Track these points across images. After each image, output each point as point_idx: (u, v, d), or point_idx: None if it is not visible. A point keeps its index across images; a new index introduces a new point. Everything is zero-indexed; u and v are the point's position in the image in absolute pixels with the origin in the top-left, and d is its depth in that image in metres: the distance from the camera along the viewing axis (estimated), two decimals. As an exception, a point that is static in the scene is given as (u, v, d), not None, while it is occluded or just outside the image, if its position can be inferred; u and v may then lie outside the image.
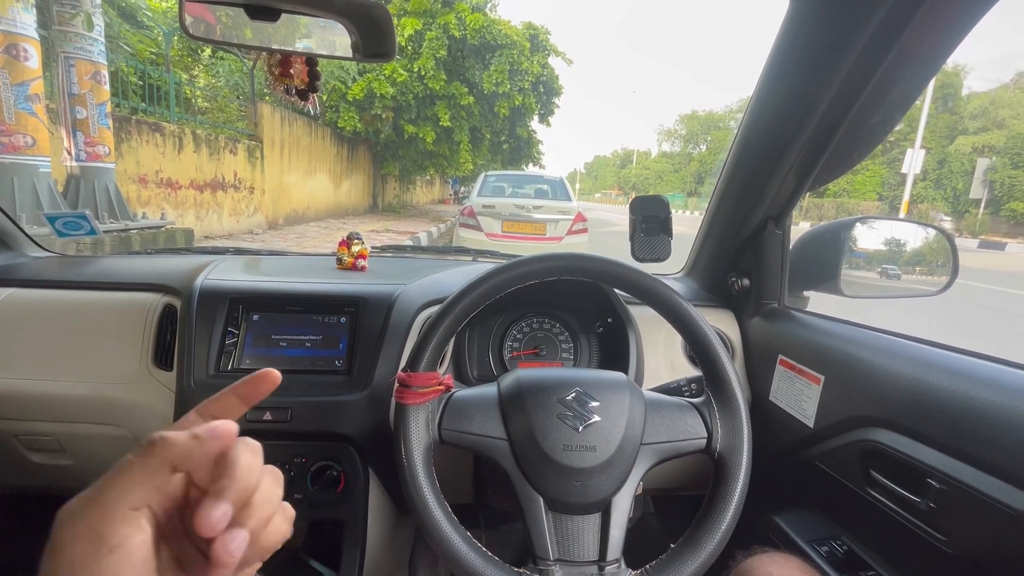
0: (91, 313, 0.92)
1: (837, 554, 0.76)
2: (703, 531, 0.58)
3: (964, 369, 0.64)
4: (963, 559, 0.59)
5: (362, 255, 1.10)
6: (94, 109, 4.25)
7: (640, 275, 0.66)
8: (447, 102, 10.50)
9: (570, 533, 0.60)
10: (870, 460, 0.72)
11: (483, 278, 0.64)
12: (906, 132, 22.47)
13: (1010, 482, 0.53)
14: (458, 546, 0.57)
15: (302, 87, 0.73)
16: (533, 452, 0.60)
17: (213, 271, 0.94)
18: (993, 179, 19.90)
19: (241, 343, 0.86)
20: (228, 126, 7.46)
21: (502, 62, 10.23)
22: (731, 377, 0.63)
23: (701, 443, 0.63)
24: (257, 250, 1.31)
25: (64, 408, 0.88)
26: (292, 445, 0.82)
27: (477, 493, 0.99)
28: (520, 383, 0.64)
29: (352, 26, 0.72)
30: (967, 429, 0.59)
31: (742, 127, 0.91)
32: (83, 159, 4.30)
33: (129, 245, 4.35)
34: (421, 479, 0.59)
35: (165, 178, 5.93)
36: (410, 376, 0.61)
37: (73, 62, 4.11)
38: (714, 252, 1.10)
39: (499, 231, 5.53)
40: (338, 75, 9.62)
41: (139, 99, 5.79)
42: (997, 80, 37.82)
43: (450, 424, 0.62)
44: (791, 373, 0.88)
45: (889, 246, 0.98)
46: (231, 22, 0.79)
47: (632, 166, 61.76)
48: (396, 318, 0.86)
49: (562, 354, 1.03)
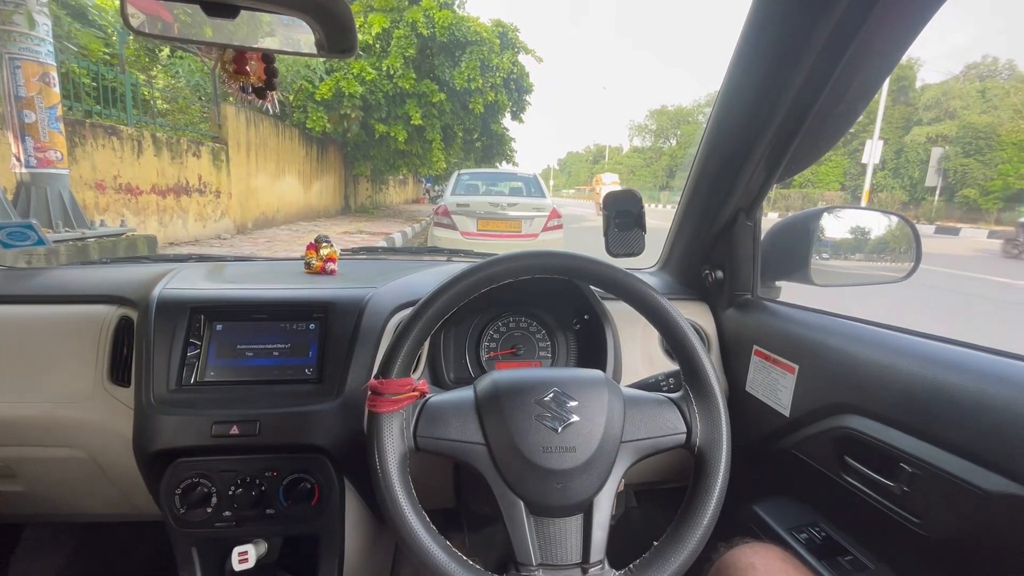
0: (41, 329, 0.86)
1: (816, 540, 0.77)
2: (685, 527, 0.57)
3: (931, 354, 0.65)
4: (937, 541, 0.60)
5: (331, 258, 1.06)
6: (43, 113, 4.04)
7: (614, 271, 0.65)
8: (418, 100, 10.38)
9: (552, 536, 0.59)
10: (845, 446, 0.73)
11: (454, 280, 0.62)
12: (865, 124, 23.29)
13: (979, 464, 0.55)
14: (438, 557, 0.55)
15: (259, 85, 0.70)
16: (512, 455, 0.59)
17: (173, 280, 0.89)
18: (947, 167, 20.81)
19: (204, 355, 0.82)
20: (190, 128, 7.20)
21: (472, 59, 10.16)
22: (708, 371, 0.63)
23: (681, 438, 0.62)
24: (222, 256, 1.25)
25: (12, 431, 0.83)
26: (262, 458, 0.79)
27: (458, 498, 0.97)
28: (497, 385, 0.63)
29: (313, 22, 0.69)
30: (936, 413, 0.60)
31: (711, 122, 0.91)
32: (33, 165, 4.08)
33: (87, 254, 4.15)
34: (397, 489, 0.57)
35: (124, 183, 5.68)
36: (382, 383, 0.59)
37: (19, 63, 3.88)
38: (687, 245, 1.10)
39: (474, 229, 5.50)
40: (305, 74, 9.39)
41: (93, 101, 5.53)
42: (948, 72, 39.53)
43: (425, 431, 0.60)
44: (766, 363, 0.89)
45: (855, 234, 1.00)
46: (190, 20, 0.75)
47: (605, 162, 62.34)
48: (368, 322, 0.83)
49: (540, 352, 1.02)
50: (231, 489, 0.78)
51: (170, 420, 0.76)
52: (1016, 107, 21.42)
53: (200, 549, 0.82)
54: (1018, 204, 18.74)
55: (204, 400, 0.78)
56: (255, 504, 0.78)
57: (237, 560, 0.78)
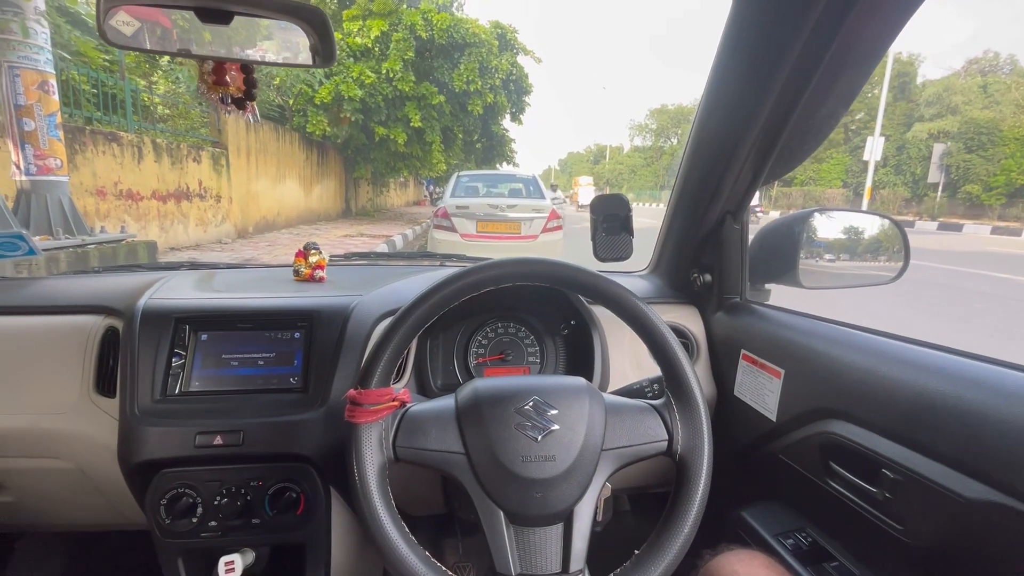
0: (26, 340, 0.86)
1: (802, 547, 0.76)
2: (665, 536, 0.57)
3: (914, 359, 0.65)
4: (920, 548, 0.60)
5: (320, 266, 1.06)
6: (43, 120, 4.05)
7: (595, 277, 0.64)
8: (417, 103, 10.40)
9: (532, 546, 0.59)
10: (829, 452, 0.73)
11: (435, 288, 0.62)
12: (866, 120, 23.21)
13: (959, 471, 0.54)
14: (416, 569, 0.55)
15: (238, 95, 0.70)
16: (492, 465, 0.59)
17: (159, 289, 0.89)
18: (949, 163, 20.67)
19: (189, 365, 0.82)
20: (191, 133, 7.22)
21: (471, 61, 10.18)
22: (690, 377, 0.63)
23: (662, 446, 0.62)
24: (214, 264, 1.26)
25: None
26: (247, 468, 0.79)
27: (448, 504, 0.97)
28: (477, 394, 0.63)
29: (306, 26, 0.69)
30: (918, 418, 0.59)
31: (695, 125, 0.91)
32: (33, 173, 4.09)
33: (87, 261, 4.17)
34: (375, 500, 0.57)
35: (125, 190, 5.70)
36: (361, 393, 0.59)
37: (18, 72, 3.90)
38: (676, 249, 1.10)
39: (474, 231, 5.49)
40: (304, 78, 9.41)
41: (94, 108, 5.56)
42: (949, 68, 39.36)
43: (405, 441, 0.60)
44: (753, 367, 0.89)
45: (844, 236, 0.99)
46: (188, 25, 0.75)
47: (605, 161, 62.26)
48: (352, 331, 0.83)
49: (528, 358, 1.02)
50: (216, 499, 0.78)
51: (154, 431, 0.76)
52: (1018, 102, 21.30)
53: (186, 559, 0.82)
54: (1021, 199, 18.65)
55: (188, 410, 0.78)
56: (241, 514, 0.78)
57: (224, 570, 0.78)
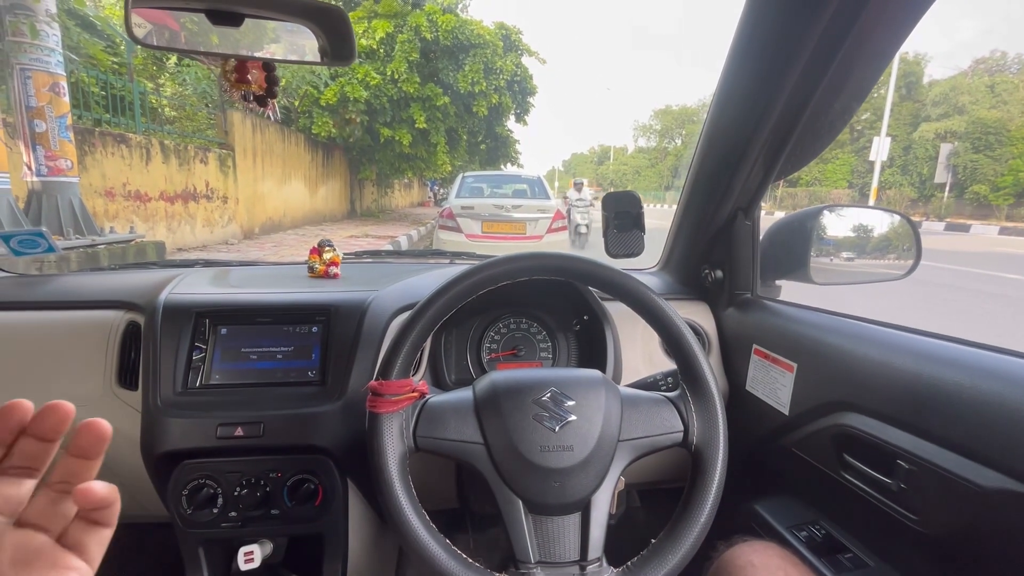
0: (50, 334, 0.88)
1: (816, 539, 0.77)
2: (682, 525, 0.58)
3: (928, 350, 0.65)
4: (935, 538, 0.60)
5: (334, 262, 1.08)
6: (54, 122, 4.10)
7: (610, 271, 0.66)
8: (422, 104, 10.43)
9: (550, 534, 0.60)
10: (843, 444, 0.73)
11: (452, 282, 0.63)
12: (872, 120, 23.08)
13: (975, 460, 0.55)
14: (437, 554, 0.56)
15: (260, 93, 0.71)
16: (510, 455, 0.60)
17: (179, 285, 0.91)
18: (956, 163, 20.53)
19: (209, 358, 0.83)
20: (198, 135, 7.27)
21: (476, 62, 10.20)
22: (705, 369, 0.64)
23: (678, 437, 0.63)
24: (227, 261, 1.27)
25: None
26: (266, 460, 0.80)
27: (461, 499, 0.98)
28: (495, 385, 0.64)
29: (316, 28, 0.71)
30: (932, 409, 0.60)
31: (707, 122, 0.92)
32: (44, 174, 4.15)
33: (97, 261, 4.21)
34: (397, 489, 0.58)
35: (133, 190, 5.75)
36: (382, 384, 0.60)
37: (29, 74, 3.95)
38: (687, 245, 1.11)
39: (479, 232, 5.52)
40: (310, 80, 9.46)
41: (103, 110, 5.61)
42: (956, 67, 39.13)
43: (425, 431, 0.61)
44: (765, 362, 0.89)
45: (854, 232, 1.00)
46: (196, 28, 0.77)
47: (610, 162, 62.27)
48: (369, 325, 0.85)
49: (540, 353, 1.03)
50: (236, 490, 0.79)
51: (176, 422, 0.77)
52: (1026, 101, 21.16)
53: (206, 549, 0.84)
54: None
55: (209, 403, 0.80)
56: (260, 505, 0.80)
57: (243, 560, 0.79)
